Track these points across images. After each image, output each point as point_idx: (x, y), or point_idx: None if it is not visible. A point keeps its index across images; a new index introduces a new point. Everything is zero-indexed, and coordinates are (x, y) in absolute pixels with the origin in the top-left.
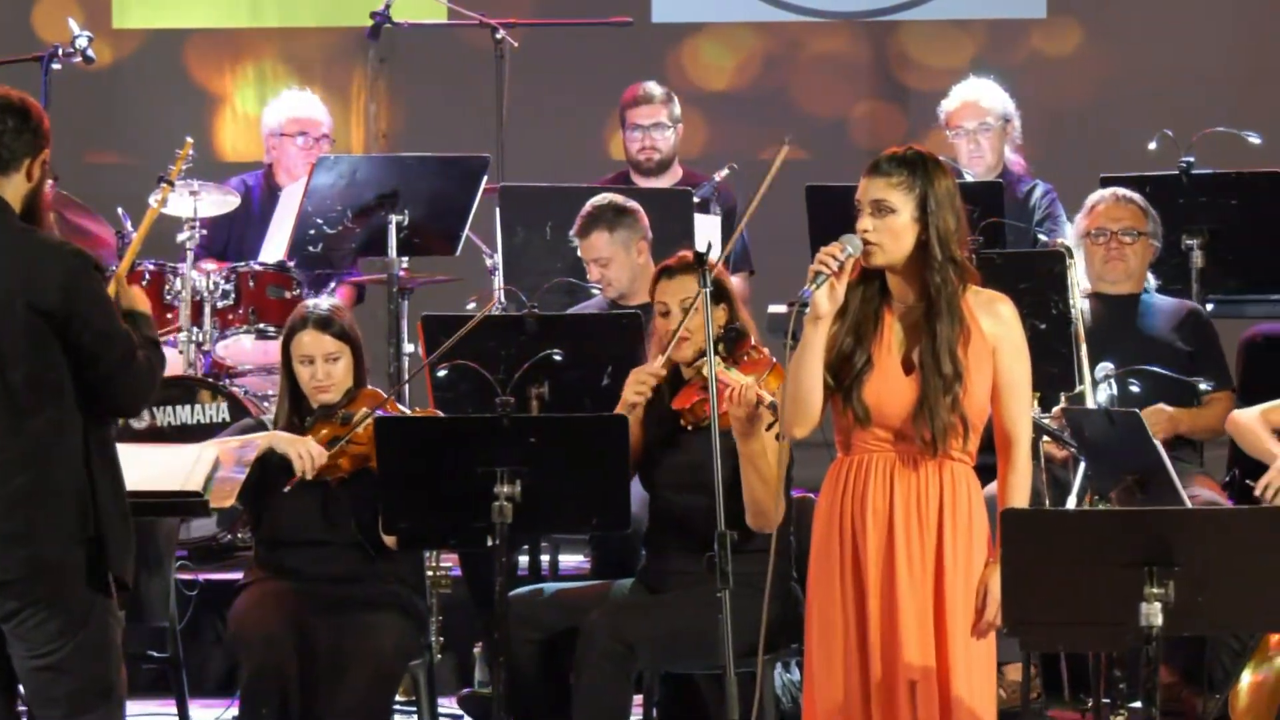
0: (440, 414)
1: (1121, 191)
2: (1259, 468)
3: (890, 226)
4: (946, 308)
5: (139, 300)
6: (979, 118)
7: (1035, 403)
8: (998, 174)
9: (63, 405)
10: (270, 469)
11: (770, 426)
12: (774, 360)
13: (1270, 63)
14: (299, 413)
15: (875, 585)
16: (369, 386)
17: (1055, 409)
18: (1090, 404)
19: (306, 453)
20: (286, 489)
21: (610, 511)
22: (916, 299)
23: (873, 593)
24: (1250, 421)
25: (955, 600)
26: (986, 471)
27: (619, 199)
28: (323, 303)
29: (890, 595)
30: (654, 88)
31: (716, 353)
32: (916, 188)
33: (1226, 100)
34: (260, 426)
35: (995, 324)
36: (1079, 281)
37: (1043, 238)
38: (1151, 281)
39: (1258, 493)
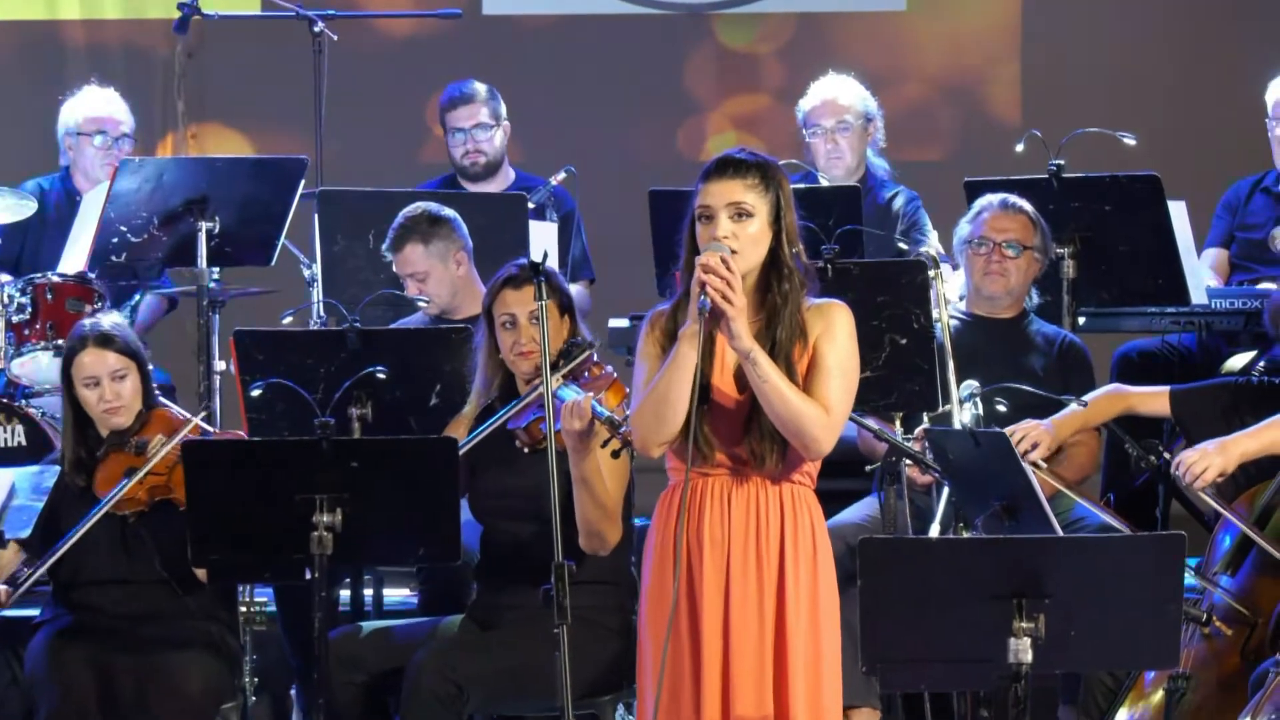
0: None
1: (1012, 199)
2: (1134, 496)
3: (749, 232)
4: (789, 316)
5: None
6: (837, 116)
7: (898, 422)
8: (858, 178)
9: None
10: (65, 499)
11: (606, 443)
12: (614, 375)
13: (1144, 60)
14: (86, 443)
15: (712, 621)
16: (159, 407)
17: (918, 430)
18: (956, 424)
19: None
20: None
21: (439, 541)
22: (754, 313)
23: (709, 629)
24: (1115, 394)
25: (798, 637)
26: (831, 498)
27: (432, 207)
28: (101, 319)
29: (727, 632)
30: (472, 85)
31: (556, 368)
32: (769, 190)
33: (1099, 99)
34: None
35: (820, 322)
36: (948, 292)
37: (905, 248)
38: (1033, 299)
39: (1009, 431)
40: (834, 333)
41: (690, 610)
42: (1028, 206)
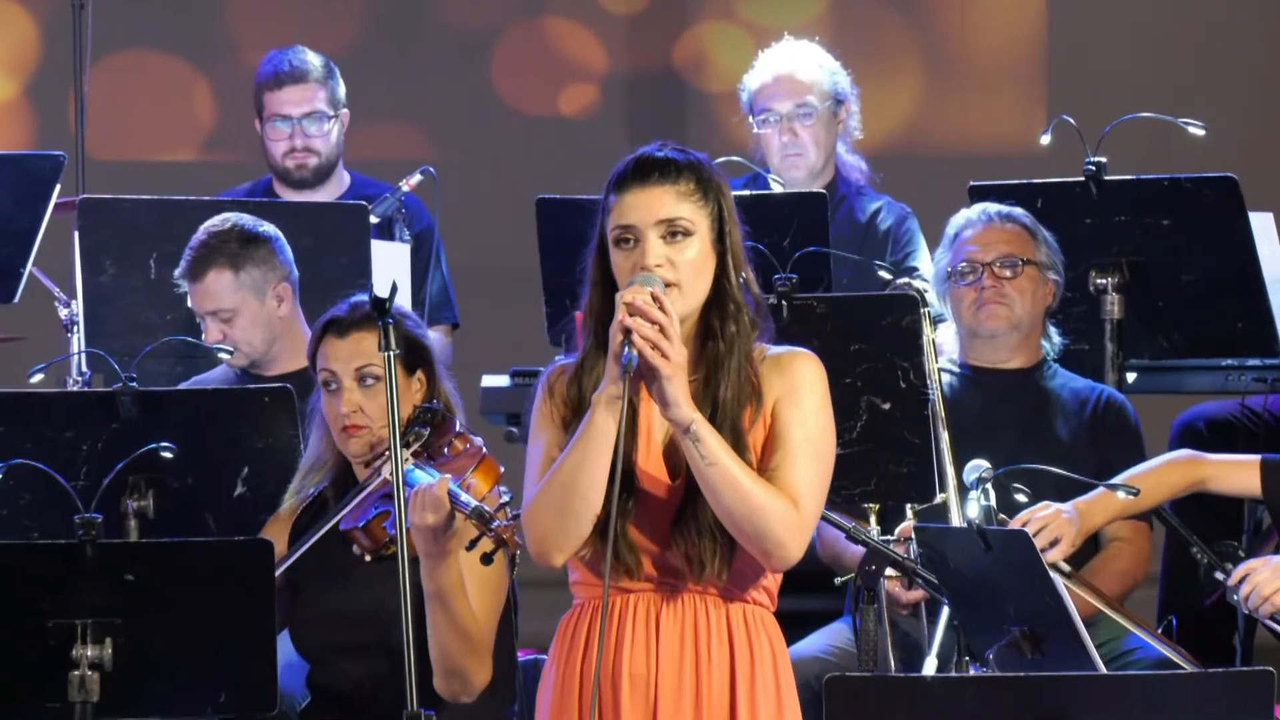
0: None
1: (994, 207)
2: (1203, 619)
3: (688, 257)
4: (735, 369)
5: None
6: (796, 97)
7: (873, 518)
8: (825, 182)
9: None
10: None
11: (473, 544)
12: (482, 449)
13: (1216, 26)
14: None
15: None
16: None
17: (901, 527)
18: (956, 519)
19: None
20: None
21: (248, 684)
22: (693, 367)
23: None
24: (1185, 461)
25: None
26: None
27: (247, 222)
28: None
29: None
30: (305, 58)
31: (407, 444)
32: (709, 198)
33: (1152, 76)
34: None
35: (780, 379)
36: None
37: (888, 277)
38: (1055, 340)
39: (1020, 521)
40: (800, 394)
41: None
42: (1020, 212)
